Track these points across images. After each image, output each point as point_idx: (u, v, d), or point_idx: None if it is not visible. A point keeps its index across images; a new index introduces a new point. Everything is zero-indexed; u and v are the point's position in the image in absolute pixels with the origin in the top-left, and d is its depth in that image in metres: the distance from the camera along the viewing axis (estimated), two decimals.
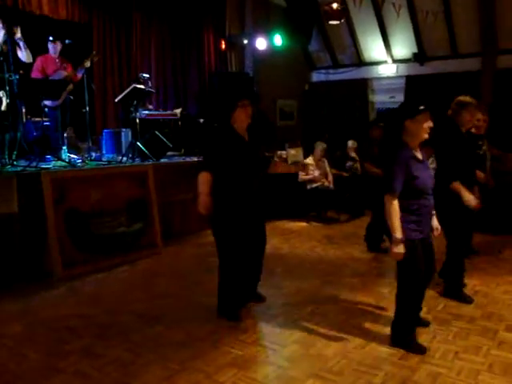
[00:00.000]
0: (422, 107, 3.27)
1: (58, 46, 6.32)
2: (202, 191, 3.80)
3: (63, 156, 6.15)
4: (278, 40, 9.35)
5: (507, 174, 7.01)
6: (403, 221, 3.19)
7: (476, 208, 4.15)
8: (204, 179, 3.81)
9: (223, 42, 9.68)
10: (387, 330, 3.63)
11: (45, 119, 6.17)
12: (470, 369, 3.10)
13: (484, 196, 4.84)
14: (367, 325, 3.79)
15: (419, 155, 3.36)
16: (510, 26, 8.95)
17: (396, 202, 3.17)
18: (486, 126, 5.62)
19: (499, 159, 7.00)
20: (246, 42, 9.61)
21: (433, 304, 4.18)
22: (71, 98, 6.51)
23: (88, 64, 6.37)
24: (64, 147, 6.31)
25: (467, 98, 4.34)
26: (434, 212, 3.51)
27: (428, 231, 3.40)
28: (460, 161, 4.18)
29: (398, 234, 3.13)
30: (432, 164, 4.62)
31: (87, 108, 6.42)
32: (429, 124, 3.27)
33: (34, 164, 5.47)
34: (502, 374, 3.03)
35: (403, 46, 10.37)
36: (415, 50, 10.16)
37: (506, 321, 3.86)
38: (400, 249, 3.14)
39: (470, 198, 4.07)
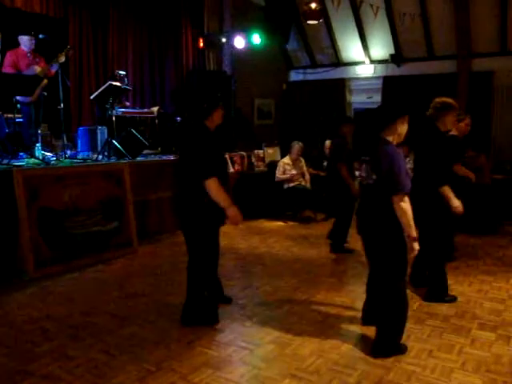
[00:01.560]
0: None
1: (33, 40, 6.17)
2: (227, 203, 3.54)
3: (37, 153, 6.02)
4: (257, 39, 9.33)
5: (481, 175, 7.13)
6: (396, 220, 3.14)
7: (461, 213, 4.15)
8: (220, 188, 3.52)
9: (201, 40, 9.62)
10: (363, 330, 3.65)
11: (17, 115, 6.03)
12: (443, 367, 3.13)
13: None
14: (343, 325, 3.80)
15: None
16: (484, 30, 9.11)
17: (408, 200, 3.12)
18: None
19: (472, 159, 7.12)
20: (224, 40, 9.56)
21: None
22: (45, 94, 6.38)
23: (63, 59, 6.24)
24: (38, 144, 6.18)
25: (452, 101, 4.30)
26: None
27: None
28: (448, 164, 4.17)
29: (415, 233, 3.14)
30: (408, 164, 4.65)
31: (62, 105, 6.30)
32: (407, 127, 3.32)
33: (6, 161, 5.35)
34: (474, 372, 3.08)
35: (380, 47, 10.46)
36: (392, 51, 10.25)
37: (479, 319, 3.92)
38: (417, 245, 3.15)
39: (458, 205, 4.07)
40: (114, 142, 6.60)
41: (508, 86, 9.30)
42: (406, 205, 3.09)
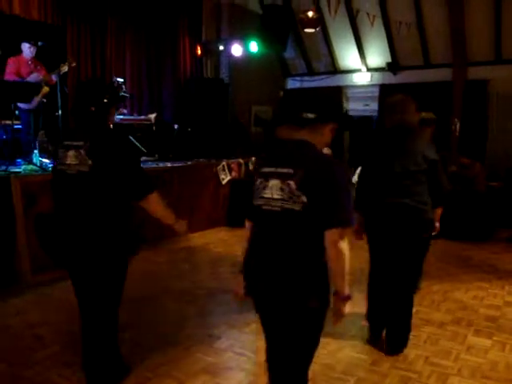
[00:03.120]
0: None
1: (34, 48, 6.20)
2: (174, 216, 3.14)
3: (34, 160, 6.03)
4: (254, 47, 9.38)
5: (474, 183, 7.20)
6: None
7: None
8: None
9: (199, 48, 9.67)
10: (359, 336, 3.67)
11: (16, 122, 6.04)
12: (439, 373, 3.15)
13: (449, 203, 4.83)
14: (340, 331, 3.80)
15: None
16: (479, 38, 9.19)
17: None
18: None
19: (467, 167, 7.19)
20: (221, 48, 9.61)
21: None
22: (44, 101, 6.40)
23: (65, 69, 6.27)
24: (35, 151, 6.20)
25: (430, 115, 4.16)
26: None
27: None
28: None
29: (348, 289, 2.25)
30: None
31: (60, 111, 6.32)
32: None
33: (4, 168, 5.35)
34: (470, 378, 3.10)
35: (377, 55, 10.53)
36: (389, 59, 10.32)
37: (475, 326, 3.94)
38: (347, 308, 2.29)
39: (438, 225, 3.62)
40: None
41: (503, 94, 9.36)
42: (347, 246, 2.12)
